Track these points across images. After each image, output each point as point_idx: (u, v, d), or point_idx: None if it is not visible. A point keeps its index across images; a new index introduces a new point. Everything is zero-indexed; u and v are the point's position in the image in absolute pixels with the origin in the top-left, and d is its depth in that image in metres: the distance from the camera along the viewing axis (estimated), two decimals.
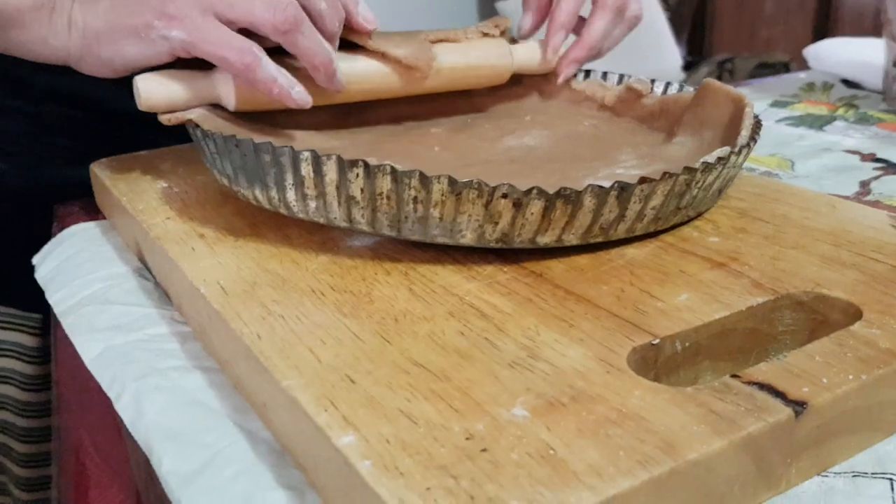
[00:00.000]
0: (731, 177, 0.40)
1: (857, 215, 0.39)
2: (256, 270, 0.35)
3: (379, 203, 0.33)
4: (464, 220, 0.33)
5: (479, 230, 0.33)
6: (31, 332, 0.60)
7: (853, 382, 0.26)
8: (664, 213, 0.36)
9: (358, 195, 0.33)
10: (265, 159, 0.35)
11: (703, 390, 0.26)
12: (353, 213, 0.34)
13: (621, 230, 0.35)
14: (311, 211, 0.35)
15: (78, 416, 0.47)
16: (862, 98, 0.75)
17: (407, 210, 0.33)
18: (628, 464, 0.22)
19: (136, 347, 0.36)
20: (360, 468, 0.23)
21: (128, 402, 0.32)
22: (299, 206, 0.35)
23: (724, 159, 0.36)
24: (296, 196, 0.35)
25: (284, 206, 0.36)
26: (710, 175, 0.36)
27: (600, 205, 0.33)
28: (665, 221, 0.37)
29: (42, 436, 0.61)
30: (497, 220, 0.33)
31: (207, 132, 0.38)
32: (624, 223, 0.35)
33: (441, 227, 0.34)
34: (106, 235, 0.49)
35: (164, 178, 0.47)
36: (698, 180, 0.36)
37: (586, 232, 0.34)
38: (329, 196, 0.34)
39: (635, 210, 0.34)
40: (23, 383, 0.60)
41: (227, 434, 0.30)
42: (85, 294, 0.42)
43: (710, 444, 0.23)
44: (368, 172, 0.33)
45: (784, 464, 0.25)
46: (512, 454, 0.23)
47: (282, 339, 0.29)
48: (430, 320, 0.31)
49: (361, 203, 0.34)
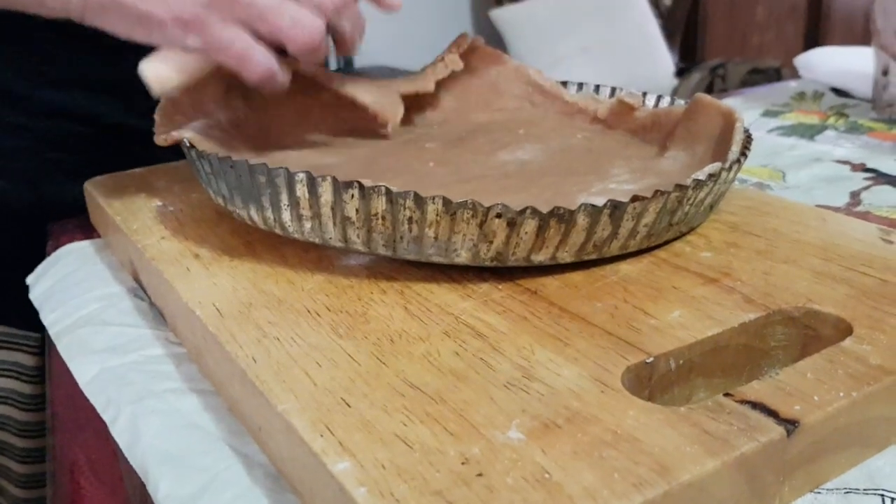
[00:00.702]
0: (722, 192, 0.40)
1: (846, 228, 0.40)
2: (252, 291, 0.35)
3: (374, 223, 0.34)
4: (458, 240, 0.33)
5: (473, 249, 0.34)
6: (30, 352, 0.60)
7: (844, 400, 0.26)
8: (656, 230, 0.36)
9: (353, 216, 0.34)
10: (260, 180, 0.35)
11: (697, 410, 0.26)
12: (348, 234, 0.34)
13: (615, 247, 0.36)
14: (307, 231, 0.35)
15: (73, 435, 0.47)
16: (852, 107, 0.75)
17: (402, 230, 0.33)
18: (623, 486, 0.23)
19: (132, 370, 0.36)
20: (355, 495, 0.23)
21: (124, 425, 0.32)
22: (295, 227, 0.35)
23: (715, 176, 0.37)
24: (291, 216, 0.35)
25: (280, 227, 0.36)
26: (702, 192, 0.37)
27: (593, 223, 0.34)
28: (657, 238, 0.37)
29: (41, 456, 0.60)
30: (492, 239, 0.33)
31: (202, 153, 0.38)
32: (617, 240, 0.35)
33: (436, 246, 0.34)
34: (100, 254, 0.49)
35: (159, 196, 0.48)
36: (689, 197, 0.36)
37: (580, 249, 0.35)
38: (324, 217, 0.34)
39: (628, 228, 0.35)
40: (22, 403, 0.60)
41: (224, 458, 0.30)
42: (80, 315, 0.42)
43: (703, 465, 0.23)
44: (364, 193, 0.33)
45: (777, 482, 0.25)
46: (507, 478, 0.23)
47: (277, 363, 0.29)
48: (426, 340, 0.31)
49: (357, 223, 0.34)
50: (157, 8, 0.40)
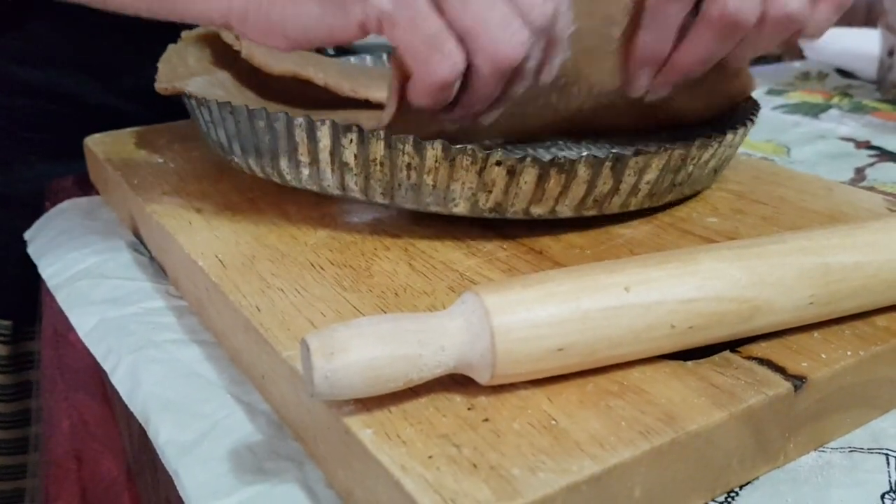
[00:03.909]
0: (727, 156, 0.40)
1: (852, 198, 0.40)
2: (254, 245, 0.35)
3: (372, 169, 0.33)
4: (457, 188, 0.33)
5: (472, 199, 0.33)
6: (3, 341, 0.58)
7: (851, 359, 0.26)
8: (658, 189, 0.36)
9: (351, 161, 0.33)
10: (259, 125, 0.34)
11: (704, 364, 0.26)
12: (346, 180, 0.34)
13: (615, 204, 0.35)
14: (304, 178, 0.35)
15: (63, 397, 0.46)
16: (856, 87, 0.75)
17: (400, 177, 0.33)
18: (630, 434, 0.22)
19: (132, 321, 0.36)
20: (361, 437, 0.22)
21: (124, 373, 0.32)
22: (292, 175, 0.35)
23: (721, 137, 0.36)
24: (289, 164, 0.34)
25: (277, 174, 0.35)
26: (706, 152, 0.36)
27: (595, 176, 0.33)
28: (659, 198, 0.37)
29: (19, 447, 0.59)
30: (490, 188, 0.33)
31: (202, 100, 0.37)
32: (619, 196, 0.35)
33: (434, 195, 0.33)
34: (99, 210, 0.48)
35: (159, 154, 0.47)
36: (694, 156, 0.36)
37: (580, 203, 0.34)
38: (322, 163, 0.34)
39: (630, 183, 0.34)
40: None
41: (225, 406, 0.30)
42: (79, 268, 0.41)
43: (710, 416, 0.23)
44: (362, 138, 0.32)
45: (782, 438, 0.25)
46: (514, 424, 0.23)
47: (281, 312, 0.29)
48: (431, 294, 0.31)
49: (355, 170, 0.33)
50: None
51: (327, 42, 0.33)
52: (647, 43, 0.38)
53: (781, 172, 0.43)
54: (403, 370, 0.23)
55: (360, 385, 0.22)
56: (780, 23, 0.37)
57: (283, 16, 0.32)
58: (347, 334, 0.22)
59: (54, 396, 0.48)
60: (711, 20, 0.36)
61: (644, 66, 0.39)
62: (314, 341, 0.22)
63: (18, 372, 0.58)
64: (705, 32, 0.37)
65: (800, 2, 0.36)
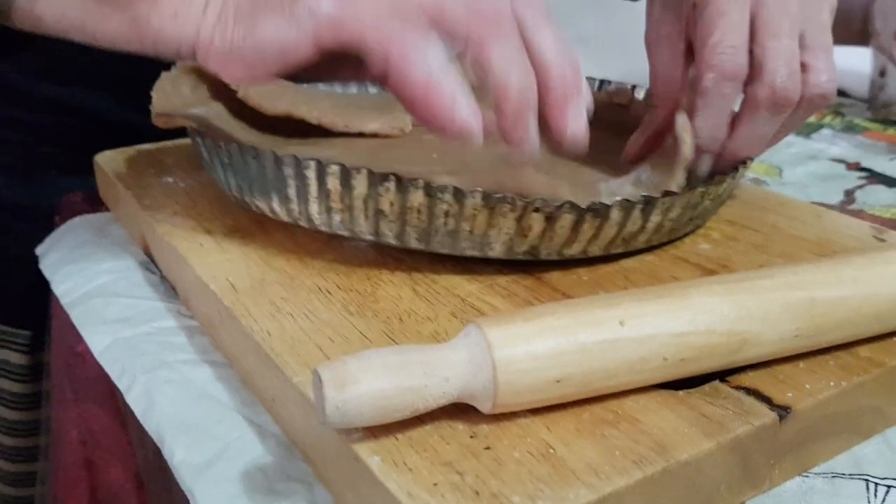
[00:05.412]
0: (734, 187, 0.41)
1: (840, 226, 0.41)
2: (264, 267, 0.36)
3: (409, 217, 0.33)
4: (494, 234, 0.34)
5: (508, 243, 0.34)
6: (20, 350, 0.59)
7: (834, 389, 0.28)
8: (679, 224, 0.37)
9: (387, 209, 0.33)
10: (287, 172, 0.34)
11: (694, 394, 0.27)
12: (380, 227, 0.34)
13: (641, 241, 0.36)
14: (335, 224, 0.35)
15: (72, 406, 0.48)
16: (848, 106, 0.76)
17: (437, 224, 0.33)
18: (624, 463, 0.24)
19: (145, 340, 0.37)
20: (370, 464, 0.24)
21: (139, 393, 0.33)
22: (322, 219, 0.35)
23: (734, 171, 0.38)
24: (319, 209, 0.35)
25: (306, 220, 0.35)
26: (721, 186, 0.38)
27: (626, 217, 0.34)
28: (677, 232, 0.38)
29: (31, 455, 0.60)
30: (527, 233, 0.34)
31: (220, 144, 0.37)
32: (644, 234, 0.36)
33: (471, 240, 0.34)
34: (109, 227, 0.50)
35: (169, 173, 0.48)
36: (710, 192, 0.37)
37: (610, 243, 0.35)
38: (356, 210, 0.34)
39: (655, 222, 0.36)
40: (11, 402, 0.59)
41: (237, 427, 0.31)
42: (92, 286, 0.43)
43: (699, 446, 0.25)
44: (400, 186, 0.33)
45: (768, 465, 0.27)
46: (514, 452, 0.24)
47: (291, 337, 0.30)
48: (434, 321, 0.32)
49: (390, 217, 0.34)
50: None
51: (283, 63, 0.32)
52: (703, 129, 0.39)
53: (772, 198, 0.45)
54: (410, 401, 0.24)
55: (369, 414, 0.24)
56: (814, 102, 0.38)
57: (242, 34, 0.32)
58: (357, 366, 0.24)
59: (63, 406, 0.49)
60: (761, 101, 0.37)
61: (704, 153, 0.40)
62: (326, 372, 0.23)
63: (35, 381, 0.59)
64: (756, 114, 0.38)
65: (830, 82, 0.38)
